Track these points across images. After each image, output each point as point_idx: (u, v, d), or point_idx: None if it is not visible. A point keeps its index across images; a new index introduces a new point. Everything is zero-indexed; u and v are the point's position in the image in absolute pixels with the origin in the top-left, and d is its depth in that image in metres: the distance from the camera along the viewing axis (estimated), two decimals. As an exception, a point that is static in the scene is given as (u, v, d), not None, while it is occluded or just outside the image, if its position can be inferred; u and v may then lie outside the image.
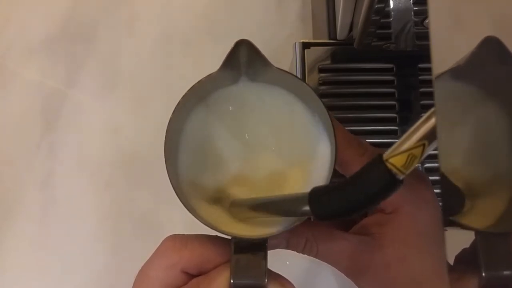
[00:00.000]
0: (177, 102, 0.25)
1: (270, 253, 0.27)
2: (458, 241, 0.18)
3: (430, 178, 0.30)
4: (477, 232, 0.18)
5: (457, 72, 0.18)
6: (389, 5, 0.42)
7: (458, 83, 0.18)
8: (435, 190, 0.29)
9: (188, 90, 0.24)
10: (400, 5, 0.42)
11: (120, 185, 0.47)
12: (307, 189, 0.21)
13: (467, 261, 0.18)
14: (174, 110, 0.24)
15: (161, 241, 0.25)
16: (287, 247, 0.28)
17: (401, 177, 0.17)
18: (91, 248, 0.46)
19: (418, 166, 0.39)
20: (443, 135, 0.17)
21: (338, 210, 0.19)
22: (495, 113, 0.18)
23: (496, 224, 0.18)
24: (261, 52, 0.24)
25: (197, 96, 0.26)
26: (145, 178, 0.47)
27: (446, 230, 0.18)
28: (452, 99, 0.18)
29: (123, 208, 0.47)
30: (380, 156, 0.18)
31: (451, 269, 0.18)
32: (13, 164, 0.48)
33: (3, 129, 0.49)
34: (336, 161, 0.24)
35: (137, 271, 0.25)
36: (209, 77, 0.25)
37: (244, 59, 0.25)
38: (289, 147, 0.27)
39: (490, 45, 0.17)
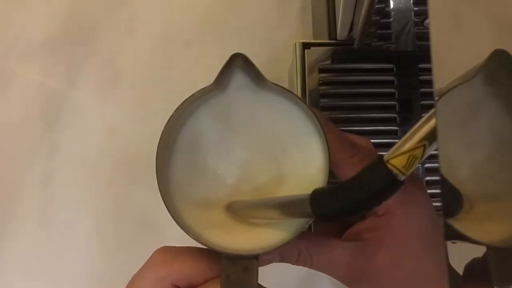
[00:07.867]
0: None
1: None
2: (466, 251, 0.18)
3: (430, 178, 0.30)
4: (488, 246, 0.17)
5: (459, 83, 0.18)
6: (389, 5, 0.42)
7: (460, 88, 0.18)
8: (436, 191, 0.29)
9: (181, 104, 0.24)
10: (400, 5, 0.42)
11: (120, 185, 0.47)
12: (303, 192, 0.21)
13: (478, 273, 0.18)
14: (166, 124, 0.24)
15: (160, 242, 0.25)
16: (281, 261, 0.27)
17: (401, 178, 0.17)
18: (91, 248, 0.46)
19: (418, 166, 0.39)
20: (443, 137, 0.17)
21: (339, 211, 0.19)
22: (498, 116, 0.18)
23: (498, 236, 0.18)
24: (255, 66, 0.24)
25: (191, 107, 0.26)
26: (145, 178, 0.47)
27: (455, 242, 0.18)
28: (453, 103, 0.18)
29: (123, 208, 0.47)
30: (381, 157, 0.18)
31: (462, 286, 0.18)
32: (13, 164, 0.48)
33: (3, 130, 0.49)
34: (330, 165, 0.24)
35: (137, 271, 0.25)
36: (203, 91, 0.25)
37: (238, 72, 0.25)
38: (283, 152, 0.27)
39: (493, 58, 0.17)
